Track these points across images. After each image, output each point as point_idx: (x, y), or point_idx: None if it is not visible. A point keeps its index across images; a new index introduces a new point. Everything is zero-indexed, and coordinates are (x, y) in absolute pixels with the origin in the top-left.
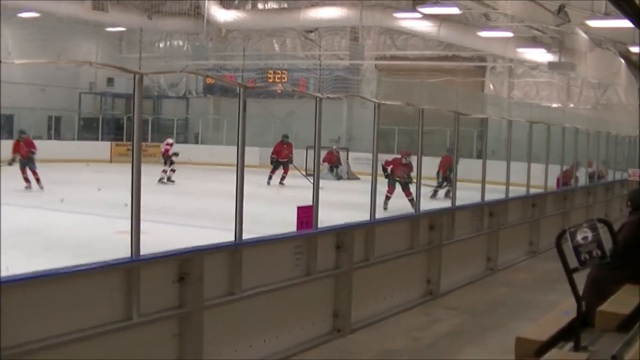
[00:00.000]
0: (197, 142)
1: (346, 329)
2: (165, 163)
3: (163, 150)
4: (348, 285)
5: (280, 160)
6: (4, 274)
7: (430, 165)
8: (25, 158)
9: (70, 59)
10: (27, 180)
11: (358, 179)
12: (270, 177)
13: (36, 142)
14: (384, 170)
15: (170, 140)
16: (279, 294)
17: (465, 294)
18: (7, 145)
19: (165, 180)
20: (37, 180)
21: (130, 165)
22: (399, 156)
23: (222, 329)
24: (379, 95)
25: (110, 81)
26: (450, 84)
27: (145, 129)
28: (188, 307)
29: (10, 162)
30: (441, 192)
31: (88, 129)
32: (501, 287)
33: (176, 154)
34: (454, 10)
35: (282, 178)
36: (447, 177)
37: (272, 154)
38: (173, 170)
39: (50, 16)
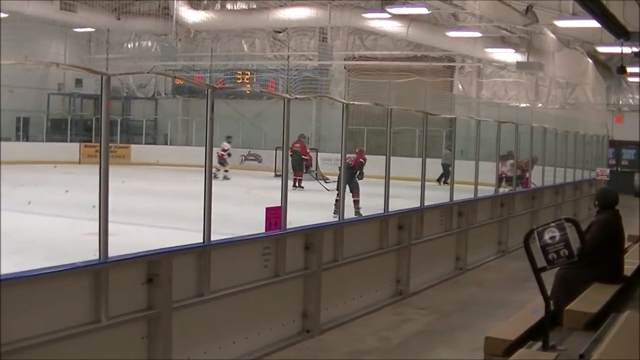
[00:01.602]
0: (166, 143)
1: (315, 329)
2: (221, 164)
3: (219, 155)
4: (317, 285)
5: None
6: None
7: (400, 166)
8: None
9: (37, 60)
10: None
11: (327, 179)
12: (300, 181)
13: (4, 144)
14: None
15: (226, 146)
16: (247, 295)
17: (434, 293)
18: None
19: (221, 177)
20: None
21: (98, 166)
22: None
23: (191, 330)
24: (348, 95)
25: (78, 82)
26: (419, 84)
27: (114, 130)
28: (157, 308)
29: None
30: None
31: (57, 130)
32: (471, 286)
33: (229, 155)
34: (423, 11)
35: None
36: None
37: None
38: (226, 170)
39: (18, 16)
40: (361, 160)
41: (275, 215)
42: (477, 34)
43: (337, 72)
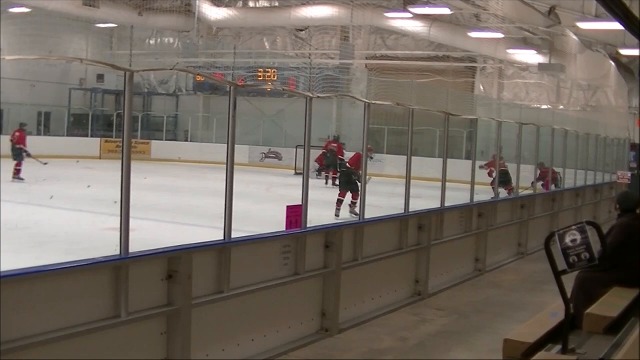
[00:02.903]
0: (186, 140)
1: (334, 328)
2: None
3: None
4: (336, 285)
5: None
6: None
7: (420, 166)
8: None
9: (61, 56)
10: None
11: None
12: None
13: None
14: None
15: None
16: (267, 293)
17: (453, 294)
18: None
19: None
20: (17, 171)
21: (118, 161)
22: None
23: (210, 328)
24: (369, 95)
25: (100, 77)
26: (440, 85)
27: (135, 126)
28: (176, 305)
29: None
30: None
31: (78, 125)
32: (489, 288)
33: None
34: (445, 11)
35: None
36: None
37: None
38: None
39: (41, 12)
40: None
41: (296, 214)
42: (500, 35)
43: (359, 72)
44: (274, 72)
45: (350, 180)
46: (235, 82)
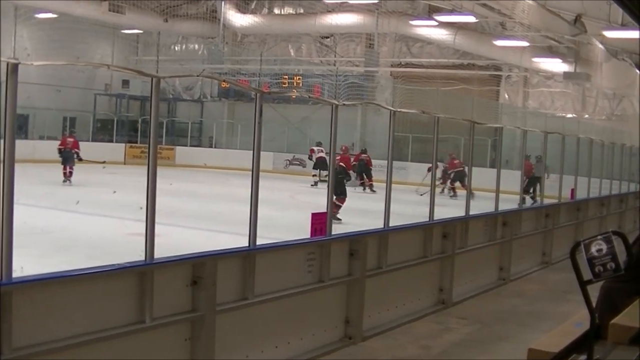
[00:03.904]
0: (211, 146)
1: (358, 336)
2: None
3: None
4: (360, 292)
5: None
6: (18, 274)
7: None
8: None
9: (88, 61)
10: (65, 174)
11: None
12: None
13: (51, 142)
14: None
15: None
16: (291, 300)
17: (477, 303)
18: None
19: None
20: (70, 174)
21: (143, 167)
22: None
23: (234, 334)
24: (394, 102)
25: (125, 83)
26: (465, 92)
27: (159, 132)
28: (201, 311)
29: (60, 153)
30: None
31: (103, 130)
32: (513, 297)
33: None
34: (470, 19)
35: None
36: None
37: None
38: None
39: (66, 17)
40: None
41: (320, 221)
42: (525, 43)
43: (383, 79)
44: (299, 79)
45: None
46: (261, 88)
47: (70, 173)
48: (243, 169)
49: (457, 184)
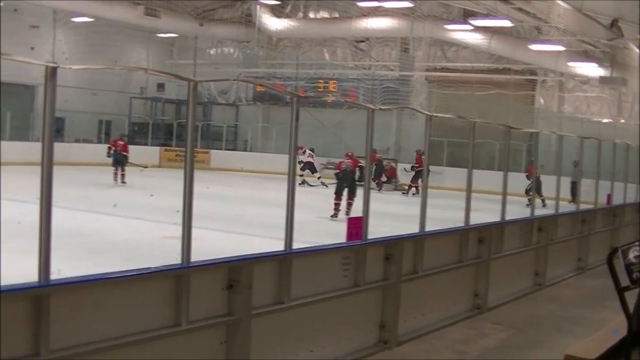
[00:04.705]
0: (246, 150)
1: (393, 341)
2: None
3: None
4: (396, 297)
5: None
6: (56, 276)
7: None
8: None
9: (126, 65)
10: (116, 175)
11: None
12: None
13: (86, 146)
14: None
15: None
16: (326, 304)
17: (512, 308)
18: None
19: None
20: (123, 175)
21: (178, 170)
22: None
23: (269, 338)
24: (429, 107)
25: (160, 86)
26: (500, 97)
27: (194, 135)
28: (236, 314)
29: (109, 155)
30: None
31: (138, 134)
32: (549, 302)
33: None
34: (506, 23)
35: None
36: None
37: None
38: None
39: (102, 21)
40: (359, 164)
41: (356, 226)
42: (560, 48)
43: (418, 83)
44: (334, 83)
45: (351, 183)
46: (296, 92)
47: (123, 175)
48: (277, 172)
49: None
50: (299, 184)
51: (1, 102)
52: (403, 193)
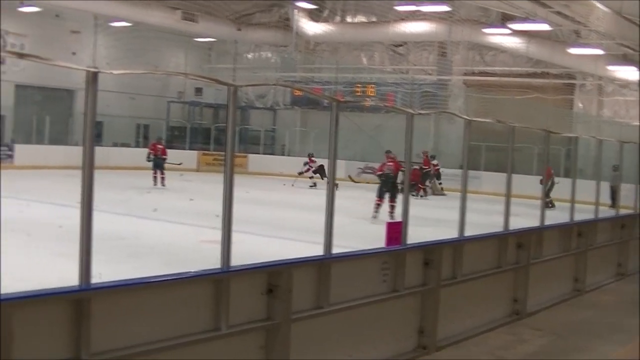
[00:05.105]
0: (283, 154)
1: (431, 346)
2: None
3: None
4: (435, 302)
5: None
6: (96, 280)
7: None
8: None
9: (167, 70)
10: (155, 179)
11: (444, 194)
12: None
13: (124, 150)
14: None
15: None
16: (365, 309)
17: (551, 314)
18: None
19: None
20: (162, 179)
21: (216, 174)
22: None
23: (308, 342)
24: (468, 111)
25: (198, 91)
26: (539, 101)
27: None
28: (276, 319)
29: (149, 159)
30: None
31: (176, 138)
32: (588, 308)
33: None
34: (544, 27)
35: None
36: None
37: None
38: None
39: (141, 26)
40: (402, 169)
41: (396, 230)
42: (599, 51)
43: (456, 87)
44: (372, 87)
45: (392, 187)
46: (334, 96)
47: (163, 178)
48: (315, 177)
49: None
50: (310, 186)
51: (41, 107)
52: (412, 195)
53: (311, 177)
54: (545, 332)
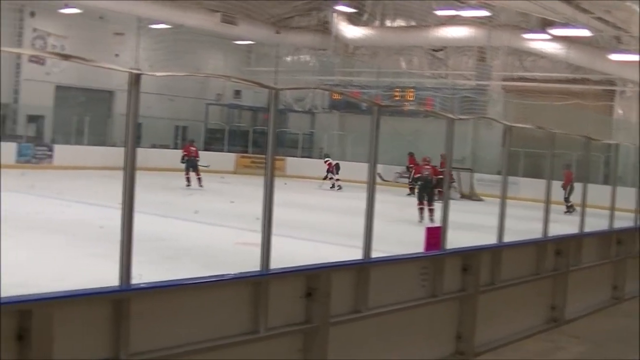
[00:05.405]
0: (321, 157)
1: (469, 352)
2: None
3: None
4: (473, 308)
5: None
6: (136, 281)
7: (556, 190)
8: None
9: (209, 73)
10: (188, 179)
11: (482, 200)
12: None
13: (162, 151)
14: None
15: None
16: (403, 314)
17: (589, 322)
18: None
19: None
20: (199, 179)
21: (253, 177)
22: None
23: (346, 346)
24: (506, 116)
25: (237, 93)
26: (578, 107)
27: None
28: (314, 322)
29: (183, 160)
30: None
31: (214, 140)
32: (627, 317)
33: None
34: (585, 32)
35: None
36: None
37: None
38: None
39: (180, 28)
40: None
41: (435, 235)
42: None
43: (495, 93)
44: (411, 91)
45: (430, 190)
46: (372, 100)
47: (199, 179)
48: (352, 180)
49: None
50: (330, 188)
51: (81, 108)
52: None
53: (331, 178)
54: (583, 339)
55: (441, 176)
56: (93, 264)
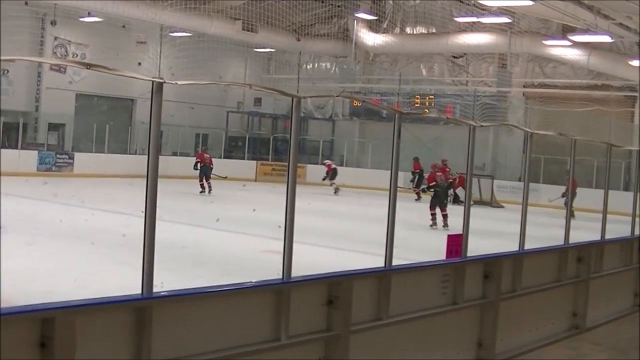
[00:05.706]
0: (342, 164)
1: (490, 359)
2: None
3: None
4: (494, 315)
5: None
6: (158, 289)
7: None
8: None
9: (231, 81)
10: (202, 186)
11: (502, 207)
12: None
13: (183, 159)
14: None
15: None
16: (424, 322)
17: (611, 329)
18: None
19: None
20: (209, 184)
21: (274, 184)
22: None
23: (367, 354)
24: (527, 123)
25: (257, 101)
26: (600, 114)
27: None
28: (335, 330)
29: (196, 167)
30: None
31: (234, 147)
32: None
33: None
34: (606, 39)
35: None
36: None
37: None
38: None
39: (202, 36)
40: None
41: (456, 243)
42: None
43: (516, 99)
44: (432, 98)
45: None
46: (392, 107)
47: (209, 184)
48: (373, 187)
49: None
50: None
51: (102, 116)
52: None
53: (332, 184)
54: (605, 347)
55: (450, 181)
56: (115, 272)
